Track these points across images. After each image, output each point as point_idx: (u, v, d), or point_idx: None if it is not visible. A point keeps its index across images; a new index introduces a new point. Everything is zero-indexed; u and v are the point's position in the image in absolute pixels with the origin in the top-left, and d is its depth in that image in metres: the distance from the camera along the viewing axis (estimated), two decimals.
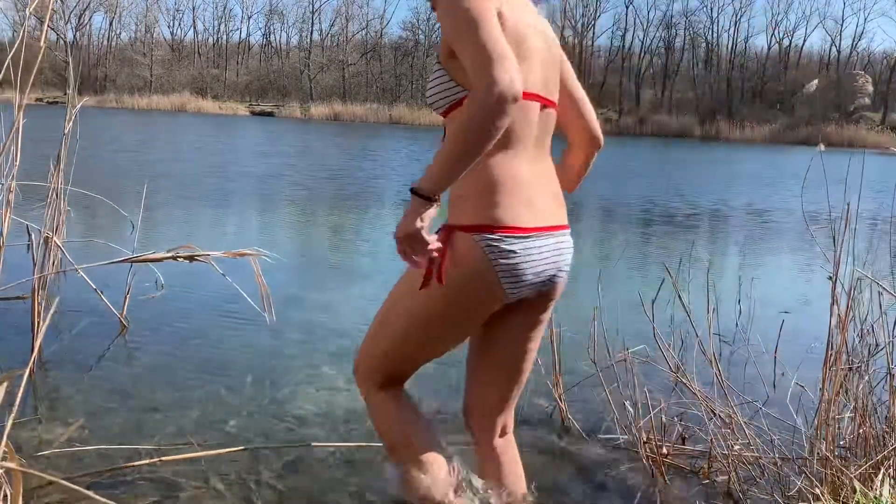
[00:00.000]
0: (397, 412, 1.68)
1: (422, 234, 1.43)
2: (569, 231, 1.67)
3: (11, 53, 2.19)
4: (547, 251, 1.58)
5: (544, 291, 1.65)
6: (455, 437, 2.46)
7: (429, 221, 1.44)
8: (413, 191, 1.43)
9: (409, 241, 1.44)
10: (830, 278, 2.13)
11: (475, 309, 1.58)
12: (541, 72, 1.59)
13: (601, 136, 1.80)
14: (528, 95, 1.54)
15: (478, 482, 1.65)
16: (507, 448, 1.78)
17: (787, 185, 14.00)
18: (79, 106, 3.24)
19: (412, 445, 1.64)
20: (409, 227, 1.42)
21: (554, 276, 1.63)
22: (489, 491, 1.66)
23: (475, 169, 1.47)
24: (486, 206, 1.51)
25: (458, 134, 1.38)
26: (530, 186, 1.57)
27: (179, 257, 1.61)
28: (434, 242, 1.46)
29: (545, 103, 1.62)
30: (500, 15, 1.49)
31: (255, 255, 2.71)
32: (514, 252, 1.51)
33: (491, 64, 1.36)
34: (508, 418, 1.78)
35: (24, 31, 2.33)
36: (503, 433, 1.77)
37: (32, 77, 2.26)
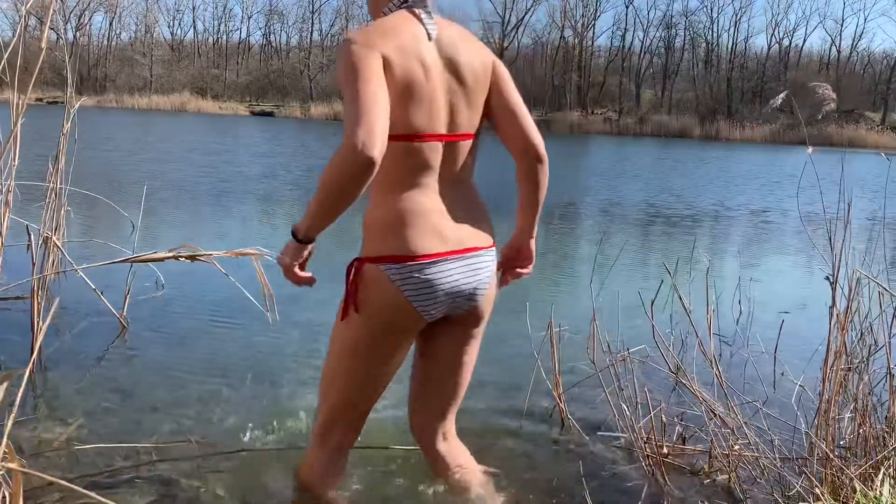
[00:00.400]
0: (326, 477, 1.84)
1: (292, 270, 1.63)
2: (487, 251, 1.76)
3: (7, 53, 2.19)
4: (458, 273, 1.69)
5: (469, 309, 1.77)
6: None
7: (307, 257, 1.65)
8: (293, 233, 1.60)
9: (284, 273, 1.65)
10: (828, 279, 2.13)
11: (396, 331, 1.70)
12: (444, 109, 1.66)
13: (539, 148, 1.79)
14: (429, 137, 1.64)
15: None
16: (451, 449, 1.92)
17: (787, 185, 13.99)
18: (77, 105, 3.24)
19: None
20: (282, 262, 1.63)
21: (472, 294, 1.73)
22: None
23: (380, 205, 1.66)
24: (390, 238, 1.63)
25: (324, 186, 1.50)
26: (436, 216, 1.67)
27: (181, 257, 1.61)
28: (306, 276, 1.66)
29: (449, 139, 1.69)
30: (387, 63, 1.56)
31: (256, 255, 2.70)
32: (418, 278, 1.63)
33: (356, 126, 1.46)
34: (449, 425, 1.92)
35: (21, 30, 2.33)
36: (445, 438, 1.91)
37: (34, 77, 2.26)
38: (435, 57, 1.64)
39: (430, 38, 1.64)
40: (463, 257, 1.70)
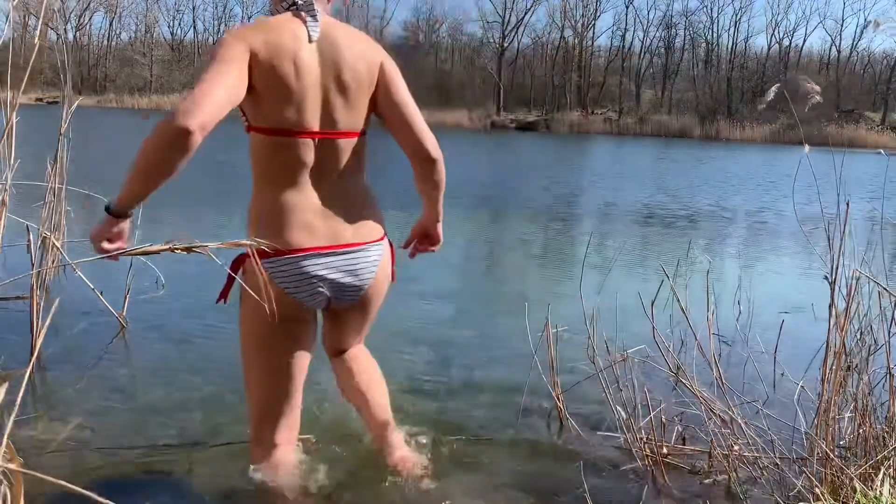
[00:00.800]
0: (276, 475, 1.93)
1: (97, 243, 1.61)
2: (369, 246, 1.85)
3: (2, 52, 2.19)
4: (334, 267, 1.78)
5: (356, 299, 1.89)
6: (453, 438, 2.46)
7: (126, 232, 1.63)
8: (106, 208, 1.59)
9: (93, 244, 1.62)
10: (826, 279, 2.12)
11: (283, 319, 1.76)
12: (319, 107, 1.71)
13: (430, 150, 1.87)
14: (299, 134, 1.70)
15: None
16: (356, 357, 2.11)
17: (786, 185, 13.99)
18: (74, 105, 3.23)
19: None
20: (92, 233, 1.61)
21: (355, 287, 1.85)
22: None
23: (257, 198, 1.75)
24: (263, 232, 1.71)
25: (139, 154, 1.51)
26: (308, 212, 1.74)
27: (176, 249, 1.60)
28: (111, 247, 1.63)
29: (323, 136, 1.73)
30: (253, 55, 1.62)
31: (252, 246, 2.70)
32: (288, 270, 1.74)
33: (185, 101, 1.50)
34: (356, 346, 2.12)
35: (9, 27, 2.33)
36: (351, 354, 2.11)
37: (27, 74, 2.25)
38: (313, 58, 1.69)
39: (310, 40, 1.69)
40: (338, 252, 1.78)
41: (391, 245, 2.00)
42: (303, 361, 1.90)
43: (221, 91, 1.54)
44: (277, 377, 1.87)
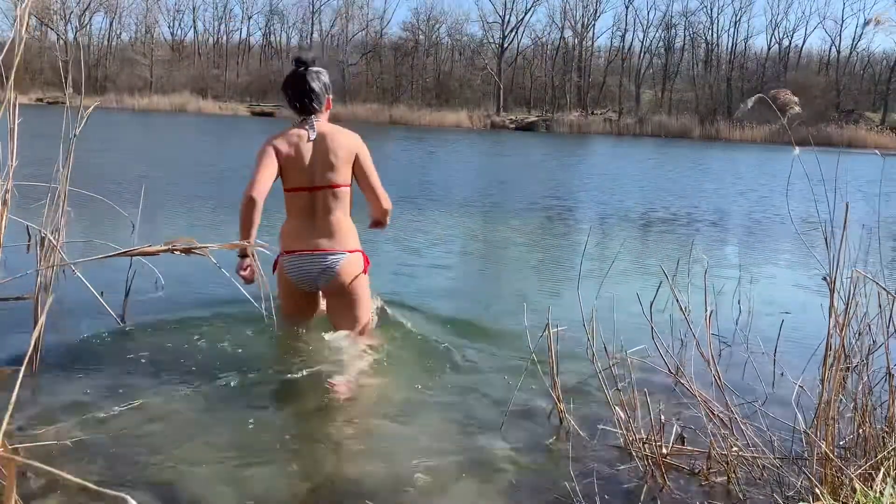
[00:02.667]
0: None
1: (238, 273, 3.00)
2: (336, 252, 3.00)
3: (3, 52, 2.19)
4: (307, 262, 3.01)
5: (328, 283, 3.04)
6: (452, 438, 2.47)
7: (252, 265, 2.97)
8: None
9: (238, 276, 3.01)
10: (825, 279, 2.12)
11: (288, 293, 3.14)
12: (307, 171, 2.97)
13: (384, 203, 3.13)
14: (298, 190, 3.00)
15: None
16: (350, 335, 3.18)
17: (785, 185, 13.98)
18: (91, 109, 3.24)
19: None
20: (237, 270, 3.01)
21: (320, 274, 3.02)
22: None
23: (283, 225, 3.09)
24: (282, 241, 3.09)
25: (239, 217, 2.88)
26: (303, 231, 3.02)
27: (176, 250, 1.60)
28: (244, 275, 3.01)
29: (312, 189, 2.99)
30: (277, 151, 2.96)
31: (251, 247, 2.73)
32: (287, 262, 3.06)
33: (249, 181, 2.89)
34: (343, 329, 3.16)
35: (17, 28, 2.33)
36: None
37: (19, 70, 2.25)
38: (309, 147, 2.99)
39: (308, 140, 3.00)
40: (313, 254, 3.00)
41: (365, 256, 3.11)
42: (306, 317, 3.24)
43: (265, 172, 2.91)
44: (291, 317, 3.23)
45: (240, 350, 3.23)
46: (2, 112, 2.34)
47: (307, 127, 3.00)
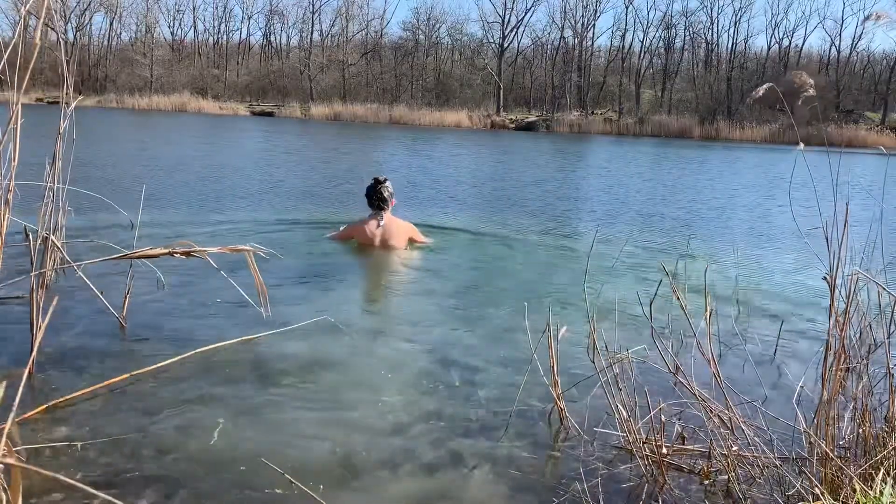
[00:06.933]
0: None
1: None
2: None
3: (8, 52, 2.19)
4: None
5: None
6: (452, 438, 2.47)
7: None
8: None
9: None
10: (825, 279, 2.12)
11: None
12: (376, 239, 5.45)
13: (426, 243, 5.59)
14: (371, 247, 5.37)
15: None
16: None
17: (785, 185, 13.99)
18: (73, 105, 3.23)
19: None
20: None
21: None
22: None
23: None
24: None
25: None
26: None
27: (176, 253, 1.60)
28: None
29: (377, 248, 5.41)
30: (355, 228, 5.56)
31: (250, 251, 2.72)
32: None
33: (336, 231, 5.68)
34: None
35: (36, 31, 2.33)
36: None
37: (28, 74, 2.25)
38: (380, 231, 5.44)
39: (378, 226, 5.42)
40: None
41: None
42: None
43: (344, 234, 5.59)
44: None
45: (240, 350, 3.23)
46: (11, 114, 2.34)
47: (377, 217, 5.47)
